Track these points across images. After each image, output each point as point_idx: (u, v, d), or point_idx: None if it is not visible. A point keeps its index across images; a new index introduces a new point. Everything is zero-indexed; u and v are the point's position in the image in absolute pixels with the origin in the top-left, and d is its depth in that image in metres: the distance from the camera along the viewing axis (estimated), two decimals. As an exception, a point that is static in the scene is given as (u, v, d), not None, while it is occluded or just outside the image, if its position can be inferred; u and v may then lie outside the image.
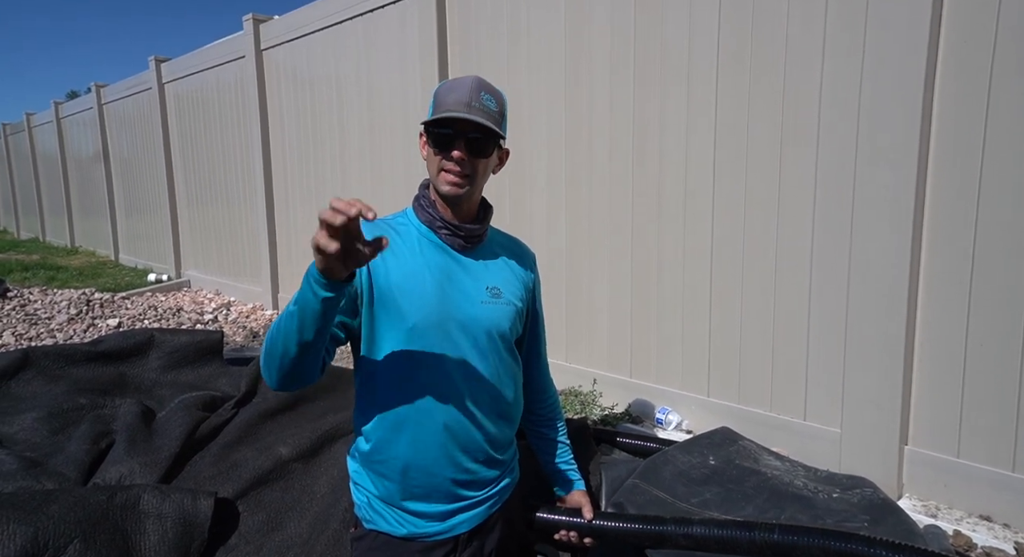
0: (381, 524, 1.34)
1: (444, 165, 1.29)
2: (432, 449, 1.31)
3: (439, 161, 1.29)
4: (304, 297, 1.09)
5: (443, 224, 1.35)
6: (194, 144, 7.55)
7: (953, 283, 2.40)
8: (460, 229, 1.35)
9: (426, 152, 1.34)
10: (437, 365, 1.30)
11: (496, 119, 1.30)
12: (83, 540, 1.62)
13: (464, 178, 1.30)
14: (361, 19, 4.90)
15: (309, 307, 1.09)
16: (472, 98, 1.26)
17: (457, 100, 1.26)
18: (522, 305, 1.45)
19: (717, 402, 3.09)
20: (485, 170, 1.35)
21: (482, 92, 1.28)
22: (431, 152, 1.31)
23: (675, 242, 3.17)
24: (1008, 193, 2.25)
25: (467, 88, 1.27)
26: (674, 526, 1.55)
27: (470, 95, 1.26)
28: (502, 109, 1.34)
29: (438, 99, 1.29)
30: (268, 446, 2.19)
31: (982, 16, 2.26)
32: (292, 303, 1.12)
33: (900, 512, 1.80)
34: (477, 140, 1.28)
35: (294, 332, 1.12)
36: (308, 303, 1.09)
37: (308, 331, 1.11)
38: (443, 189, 1.31)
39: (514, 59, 3.78)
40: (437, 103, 1.29)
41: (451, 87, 1.29)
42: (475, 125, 1.25)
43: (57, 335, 5.20)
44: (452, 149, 1.27)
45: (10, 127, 15.49)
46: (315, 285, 1.06)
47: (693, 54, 2.99)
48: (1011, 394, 2.30)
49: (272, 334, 1.18)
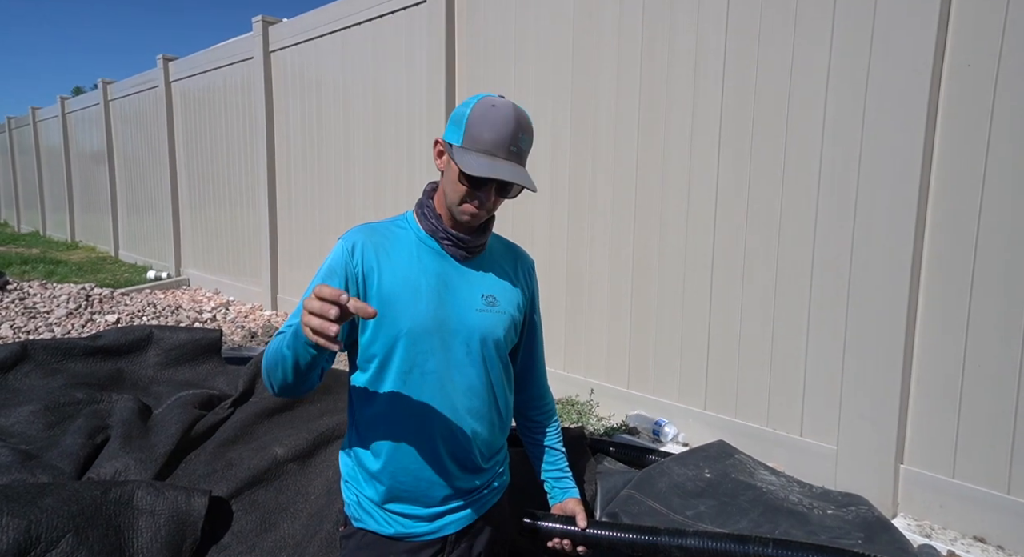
0: (369, 523, 1.35)
1: (469, 199, 1.28)
2: (422, 453, 1.32)
3: (463, 192, 1.27)
4: (296, 349, 1.13)
5: (446, 235, 1.35)
6: (199, 143, 7.57)
7: (952, 303, 2.41)
8: (463, 241, 1.35)
9: (445, 168, 1.32)
10: (430, 370, 1.31)
11: (527, 155, 1.30)
12: (76, 534, 1.62)
13: (485, 213, 1.31)
14: (370, 24, 4.93)
15: (302, 358, 1.13)
16: (512, 142, 1.24)
17: (496, 143, 1.22)
18: (518, 314, 1.45)
19: (714, 415, 3.09)
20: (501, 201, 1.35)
21: (521, 134, 1.26)
22: (456, 181, 1.27)
23: (676, 254, 3.18)
24: (1007, 216, 2.27)
25: (508, 130, 1.23)
26: (668, 537, 1.55)
27: (511, 139, 1.23)
28: (531, 142, 1.32)
29: (473, 130, 1.24)
30: (264, 446, 2.19)
31: (989, 23, 2.28)
32: (286, 347, 1.15)
33: (894, 530, 1.80)
34: (509, 186, 1.28)
35: (290, 368, 1.16)
36: (300, 355, 1.13)
37: (303, 368, 1.16)
38: (461, 218, 1.31)
39: (521, 66, 3.81)
40: (472, 135, 1.24)
41: (490, 122, 1.23)
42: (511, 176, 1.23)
43: (55, 329, 5.19)
44: (482, 189, 1.27)
45: (15, 121, 15.53)
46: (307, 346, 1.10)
47: (699, 58, 3.01)
48: (1007, 415, 2.31)
49: (270, 358, 1.21)
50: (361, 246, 1.31)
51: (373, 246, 1.32)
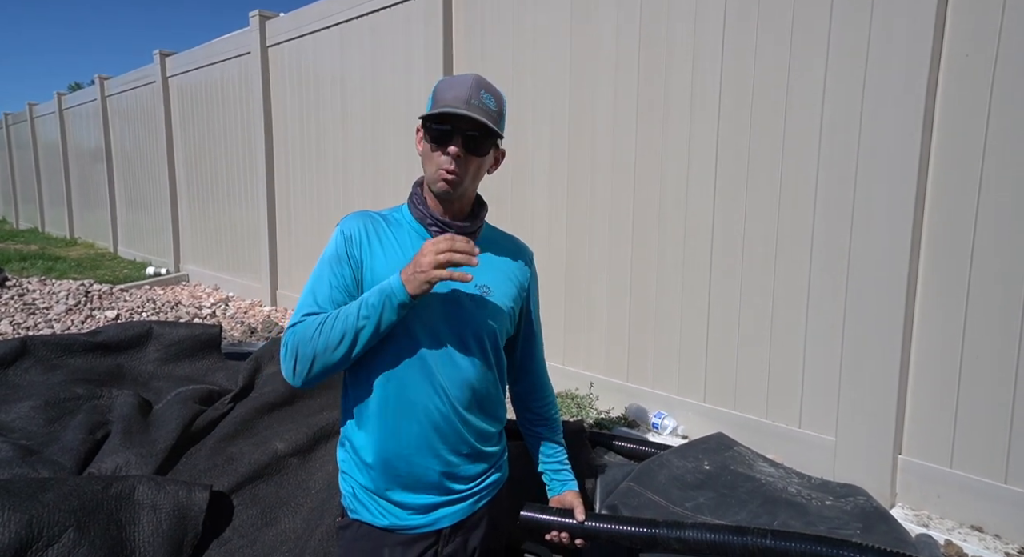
0: (364, 514, 1.36)
1: (439, 161, 1.28)
2: (414, 440, 1.33)
3: (435, 157, 1.29)
4: (385, 317, 1.23)
5: (434, 221, 1.36)
6: (197, 139, 7.55)
7: (950, 295, 2.41)
8: (450, 227, 1.36)
9: (422, 147, 1.34)
10: (421, 358, 1.32)
11: (494, 118, 1.30)
12: (77, 529, 1.62)
13: (458, 176, 1.29)
14: (367, 18, 4.91)
15: (385, 322, 1.24)
16: (472, 96, 1.26)
17: (456, 97, 1.26)
18: (513, 304, 1.45)
19: (713, 408, 3.10)
20: (479, 169, 1.34)
21: (482, 91, 1.28)
22: (427, 147, 1.31)
23: (674, 248, 3.18)
24: (1004, 208, 2.27)
25: (467, 85, 1.27)
26: (666, 529, 1.55)
27: (470, 92, 1.26)
28: (501, 109, 1.33)
29: (437, 95, 1.29)
30: (264, 441, 2.19)
31: (985, 23, 2.27)
32: (362, 316, 1.24)
33: (892, 520, 1.80)
34: (474, 138, 1.28)
35: (368, 336, 1.24)
36: (385, 319, 1.23)
37: (381, 333, 1.25)
38: (436, 187, 1.31)
39: (519, 60, 3.80)
40: (436, 99, 1.29)
41: (451, 84, 1.29)
42: (473, 123, 1.25)
43: (55, 325, 5.20)
44: (448, 145, 1.27)
45: (12, 117, 15.48)
46: (400, 307, 1.23)
47: (697, 55, 3.01)
48: (1005, 406, 2.31)
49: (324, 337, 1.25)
50: (358, 232, 1.35)
51: (368, 232, 1.35)
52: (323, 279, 1.33)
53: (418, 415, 1.32)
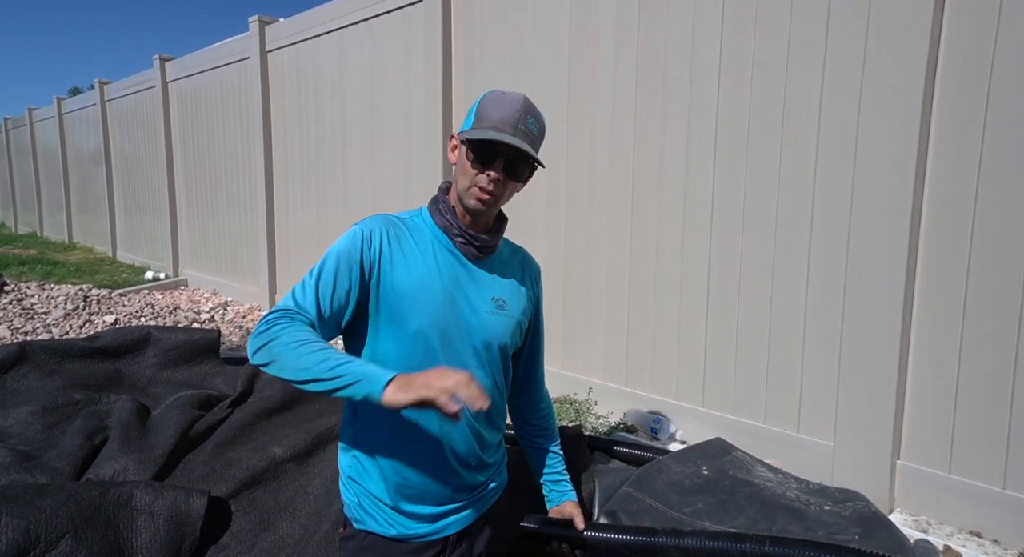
0: (371, 524, 1.35)
1: (477, 179, 1.28)
2: (427, 453, 1.32)
3: (473, 175, 1.29)
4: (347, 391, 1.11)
5: (460, 232, 1.35)
6: (196, 144, 7.56)
7: (947, 300, 2.41)
8: (476, 239, 1.35)
9: (457, 158, 1.33)
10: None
11: (537, 145, 1.31)
12: (75, 535, 1.62)
13: (493, 196, 1.30)
14: (366, 23, 4.93)
15: (343, 395, 1.12)
16: (520, 120, 1.26)
17: (503, 120, 1.25)
18: (524, 318, 1.46)
19: (711, 413, 3.10)
20: (514, 191, 1.36)
21: (528, 116, 1.28)
22: (465, 162, 1.30)
23: (673, 253, 3.19)
24: (1001, 214, 2.28)
25: (516, 109, 1.27)
26: (665, 537, 1.55)
27: (518, 117, 1.26)
28: (542, 134, 1.34)
29: (483, 111, 1.29)
30: (262, 446, 2.19)
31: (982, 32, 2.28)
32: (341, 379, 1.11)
33: (891, 526, 1.80)
34: (516, 164, 1.29)
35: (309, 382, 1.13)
36: (346, 395, 1.11)
37: (323, 394, 1.15)
38: (469, 203, 1.31)
39: (518, 65, 3.81)
40: (481, 116, 1.28)
41: (499, 102, 1.28)
42: (518, 150, 1.25)
43: (53, 330, 5.19)
44: (490, 168, 1.27)
45: (11, 122, 15.49)
46: (366, 397, 1.09)
47: (695, 55, 3.02)
48: (1003, 411, 2.32)
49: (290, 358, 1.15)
50: (380, 236, 1.31)
51: (391, 238, 1.32)
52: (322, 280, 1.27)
53: (431, 428, 1.32)
